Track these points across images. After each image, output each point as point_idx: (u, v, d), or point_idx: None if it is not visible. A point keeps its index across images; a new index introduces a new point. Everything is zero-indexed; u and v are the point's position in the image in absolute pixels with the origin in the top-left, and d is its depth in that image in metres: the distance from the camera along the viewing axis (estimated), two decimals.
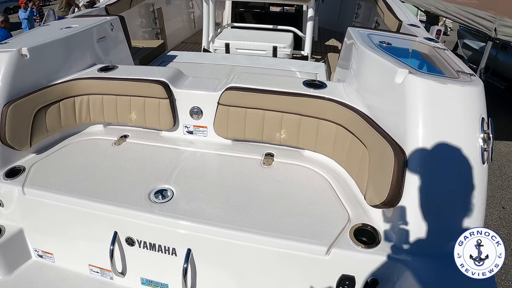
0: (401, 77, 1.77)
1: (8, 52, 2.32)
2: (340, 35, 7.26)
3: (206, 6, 4.66)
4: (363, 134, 1.98)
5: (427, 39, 2.67)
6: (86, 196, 2.04)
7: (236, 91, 2.31)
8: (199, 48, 4.99)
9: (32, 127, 2.38)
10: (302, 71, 3.50)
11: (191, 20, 7.47)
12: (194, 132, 2.55)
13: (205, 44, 4.78)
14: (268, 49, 4.26)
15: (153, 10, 5.58)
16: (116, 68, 2.72)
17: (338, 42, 6.77)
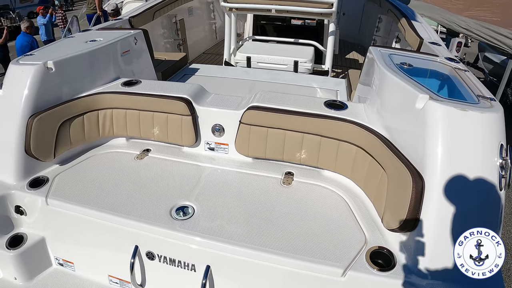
0: (422, 103, 1.79)
1: (34, 65, 2.39)
2: (361, 48, 7.22)
3: (228, 19, 4.70)
4: (382, 158, 2.00)
5: (448, 59, 2.68)
6: (108, 209, 2.09)
7: (258, 110, 2.34)
8: (221, 60, 5.02)
9: (56, 139, 2.45)
10: (323, 88, 3.52)
11: (212, 31, 7.52)
12: (215, 149, 2.59)
13: (227, 57, 4.82)
14: (289, 64, 4.28)
15: (175, 21, 5.65)
16: (139, 82, 2.77)
17: (359, 55, 6.75)
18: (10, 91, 2.42)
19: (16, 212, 2.30)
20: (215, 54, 6.70)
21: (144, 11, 4.57)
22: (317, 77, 3.92)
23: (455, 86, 2.24)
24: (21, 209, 2.28)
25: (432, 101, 1.76)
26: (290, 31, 5.72)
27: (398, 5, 5.22)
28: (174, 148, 2.67)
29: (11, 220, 2.31)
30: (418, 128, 1.79)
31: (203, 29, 7.20)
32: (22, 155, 2.33)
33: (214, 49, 7.13)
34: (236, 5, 4.32)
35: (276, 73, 3.93)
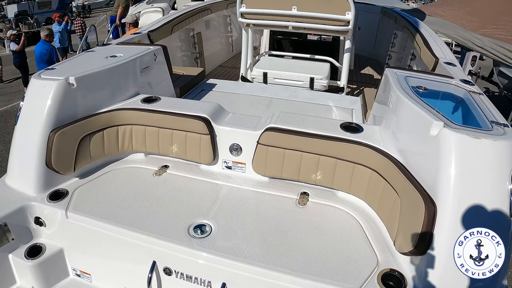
0: (436, 130, 1.82)
1: (56, 80, 2.44)
2: (376, 63, 7.22)
3: (245, 34, 4.74)
4: (395, 182, 2.02)
5: (463, 81, 2.70)
6: (127, 225, 2.13)
7: (275, 132, 2.38)
8: (237, 73, 5.06)
9: (77, 153, 2.50)
10: (339, 106, 3.54)
11: (229, 44, 7.57)
12: (232, 167, 2.62)
13: (243, 72, 4.86)
14: (305, 80, 4.31)
15: (193, 34, 5.70)
16: (159, 99, 2.82)
17: (374, 71, 6.76)
18: (32, 104, 2.48)
19: (35, 223, 2.35)
20: (231, 68, 6.74)
21: (163, 25, 4.63)
22: (333, 95, 3.94)
23: (469, 111, 2.27)
24: (41, 220, 2.34)
25: (446, 128, 1.79)
26: (306, 46, 5.76)
27: (413, 22, 5.22)
28: (192, 165, 2.71)
29: (30, 230, 2.36)
30: (432, 154, 1.83)
31: (219, 42, 7.26)
32: (43, 168, 2.39)
33: (230, 62, 7.19)
34: (254, 22, 4.37)
35: (293, 90, 3.96)
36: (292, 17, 4.11)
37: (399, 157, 2.12)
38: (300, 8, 3.98)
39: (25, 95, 2.54)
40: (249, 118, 2.69)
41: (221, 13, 7.14)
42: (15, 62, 11.47)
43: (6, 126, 8.50)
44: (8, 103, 10.38)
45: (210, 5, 6.37)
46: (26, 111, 2.49)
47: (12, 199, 2.34)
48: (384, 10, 7.55)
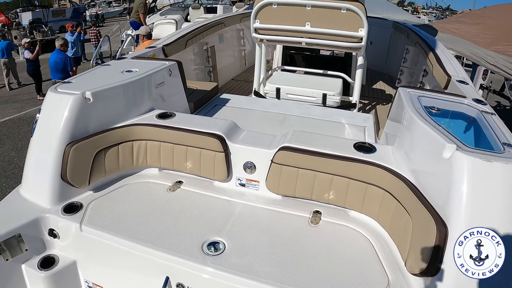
0: (449, 153, 1.83)
1: (73, 95, 2.47)
2: (388, 78, 7.24)
3: (258, 49, 4.77)
4: (407, 203, 2.03)
5: (475, 101, 2.72)
6: (141, 240, 2.14)
7: (289, 151, 2.39)
8: (249, 87, 5.08)
9: (92, 167, 2.52)
10: (351, 124, 3.55)
11: (242, 58, 7.62)
12: (246, 185, 2.63)
13: (256, 86, 4.88)
14: (317, 96, 4.33)
15: (206, 48, 5.74)
16: (174, 116, 2.84)
17: (386, 85, 6.77)
18: (48, 118, 2.51)
19: (49, 234, 2.37)
20: (244, 81, 6.78)
21: (177, 39, 4.67)
22: (346, 112, 3.95)
23: (481, 131, 2.28)
24: (55, 232, 2.35)
25: (458, 152, 1.80)
26: (319, 61, 5.79)
27: (426, 38, 5.24)
28: (206, 181, 2.71)
29: (44, 242, 2.38)
30: (444, 176, 1.84)
31: (232, 55, 7.31)
32: (58, 181, 2.41)
33: (243, 75, 7.23)
34: (267, 37, 4.41)
35: (306, 107, 3.97)
36: (305, 33, 4.14)
37: (411, 177, 2.13)
38: (314, 24, 4.02)
39: (41, 108, 2.57)
40: (263, 136, 2.70)
41: (235, 27, 7.20)
42: (29, 70, 11.67)
43: (18, 133, 8.62)
44: (21, 110, 10.55)
45: (224, 19, 6.45)
46: (42, 124, 2.52)
47: (26, 211, 2.36)
48: (396, 25, 7.59)
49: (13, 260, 2.24)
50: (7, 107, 10.88)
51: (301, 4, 3.96)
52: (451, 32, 7.51)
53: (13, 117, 9.92)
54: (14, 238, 2.22)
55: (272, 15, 4.16)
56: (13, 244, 2.23)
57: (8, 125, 9.30)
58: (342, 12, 3.85)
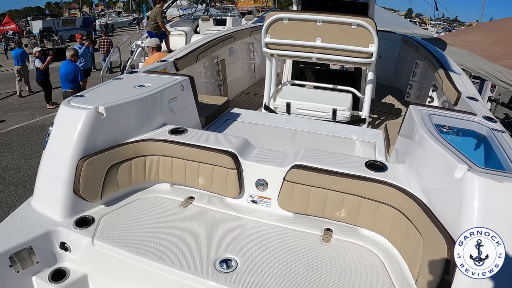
0: (461, 173, 1.83)
1: (86, 109, 2.48)
2: (397, 92, 7.24)
3: (268, 63, 4.79)
4: (418, 222, 2.03)
5: (485, 118, 2.73)
6: (154, 256, 2.14)
7: (302, 170, 2.40)
8: (259, 101, 5.12)
9: (104, 181, 2.53)
10: (361, 140, 3.55)
11: (251, 71, 7.67)
12: (258, 202, 2.63)
13: (266, 101, 4.90)
14: (328, 111, 4.34)
15: (217, 62, 5.78)
16: (186, 131, 2.85)
17: (395, 99, 6.78)
18: (61, 131, 2.53)
19: (60, 247, 2.38)
20: (253, 95, 6.82)
21: (189, 53, 4.72)
22: (356, 128, 3.96)
23: (492, 150, 2.30)
24: (66, 245, 2.36)
25: (470, 172, 1.81)
26: (328, 76, 5.81)
27: (435, 53, 5.25)
28: (217, 197, 2.72)
29: (55, 254, 2.39)
30: (455, 196, 1.84)
31: (242, 68, 7.35)
32: (70, 195, 2.43)
33: (252, 89, 7.28)
34: (278, 52, 4.45)
35: (316, 123, 3.97)
36: (316, 48, 4.16)
37: (422, 196, 2.13)
38: (324, 40, 4.04)
39: (54, 121, 2.60)
40: (275, 153, 2.71)
41: (245, 40, 7.26)
42: (38, 79, 11.82)
43: (28, 141, 8.70)
44: (30, 118, 10.66)
45: (235, 33, 6.52)
46: (55, 138, 2.54)
47: (38, 223, 2.38)
48: (405, 39, 7.62)
49: (24, 272, 2.25)
50: (17, 115, 11.01)
51: (311, 20, 3.99)
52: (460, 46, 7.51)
53: (23, 125, 10.02)
54: (26, 251, 2.23)
55: (283, 30, 4.20)
56: (24, 256, 2.24)
57: (18, 133, 9.40)
58: (353, 28, 3.88)
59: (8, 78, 17.70)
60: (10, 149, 8.26)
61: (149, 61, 7.19)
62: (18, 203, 5.83)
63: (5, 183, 6.70)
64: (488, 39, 7.52)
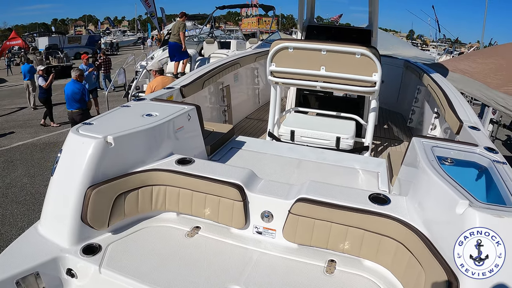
0: (462, 209, 1.87)
1: (95, 139, 2.53)
2: (399, 117, 7.30)
3: (273, 91, 4.84)
4: (420, 256, 2.06)
5: (487, 149, 2.78)
6: (158, 286, 2.14)
7: (306, 203, 2.43)
8: (263, 126, 5.14)
9: (112, 210, 2.56)
10: (365, 169, 3.58)
11: (256, 96, 7.75)
12: (263, 233, 2.64)
13: (271, 128, 4.93)
14: (331, 139, 4.38)
15: (222, 88, 5.85)
16: (193, 161, 2.88)
17: (397, 126, 6.83)
18: (70, 159, 2.57)
19: (67, 274, 2.38)
20: (257, 120, 6.88)
21: (195, 80, 4.76)
22: (359, 157, 4.00)
23: (493, 183, 2.34)
24: (73, 272, 2.37)
25: (471, 208, 1.84)
26: (332, 103, 5.87)
27: (437, 80, 5.29)
28: (223, 228, 2.74)
29: (61, 280, 2.40)
30: (456, 231, 1.87)
31: (247, 94, 7.44)
32: (78, 222, 2.45)
33: (256, 114, 7.34)
34: (283, 80, 4.50)
35: (320, 152, 4.01)
36: (320, 77, 4.21)
37: (424, 229, 2.16)
38: (328, 69, 4.09)
39: (62, 148, 2.63)
40: (280, 185, 2.74)
41: (249, 66, 7.35)
42: (41, 97, 11.98)
43: (32, 159, 8.75)
44: (35, 135, 10.74)
45: (240, 59, 6.58)
46: (63, 165, 2.58)
47: (45, 249, 2.39)
48: (407, 65, 7.70)
49: None
50: (21, 132, 11.11)
51: (316, 49, 4.06)
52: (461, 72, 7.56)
53: (27, 142, 10.09)
54: (32, 276, 2.25)
55: (288, 59, 4.26)
56: (31, 282, 2.25)
57: (21, 150, 9.46)
58: (357, 57, 3.93)
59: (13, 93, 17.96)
60: (14, 166, 8.31)
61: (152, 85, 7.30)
62: (21, 221, 5.92)
63: (8, 200, 6.73)
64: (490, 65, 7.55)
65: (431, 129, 5.22)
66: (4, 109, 14.40)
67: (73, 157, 2.56)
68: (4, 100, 16.26)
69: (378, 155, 5.20)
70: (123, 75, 13.10)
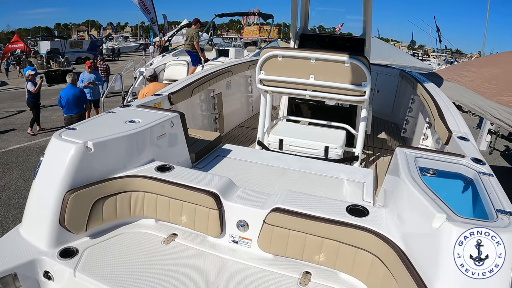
0: (439, 223, 1.82)
1: (75, 144, 2.54)
2: (393, 127, 7.30)
3: (263, 99, 4.81)
4: (395, 271, 2.02)
5: (474, 160, 2.71)
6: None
7: (281, 213, 2.41)
8: (254, 134, 5.07)
9: (90, 214, 2.57)
10: (351, 180, 3.51)
11: (249, 104, 7.71)
12: (239, 242, 2.63)
13: (260, 136, 4.89)
14: (320, 149, 4.33)
15: (213, 95, 5.83)
16: (172, 169, 2.88)
17: (391, 136, 6.81)
18: (50, 163, 2.59)
19: (44, 276, 2.40)
20: (249, 128, 6.84)
21: (183, 87, 4.74)
22: (346, 168, 3.92)
23: (477, 196, 2.27)
24: (50, 274, 2.39)
25: (448, 222, 1.80)
26: (324, 112, 5.84)
27: (430, 89, 5.23)
28: (200, 236, 2.73)
29: (38, 282, 2.41)
30: (434, 246, 1.83)
31: (239, 102, 7.39)
32: (56, 226, 2.47)
33: (249, 122, 7.30)
34: (272, 89, 4.48)
35: (307, 161, 3.96)
36: (309, 86, 4.19)
37: (401, 243, 2.11)
38: (317, 77, 4.08)
39: (45, 152, 2.66)
40: (257, 195, 2.72)
41: (243, 74, 7.31)
42: (29, 101, 11.67)
43: (27, 163, 8.76)
44: (31, 139, 10.78)
45: (232, 67, 6.54)
46: (44, 169, 2.60)
47: (24, 251, 2.42)
48: (402, 74, 7.67)
49: None
50: (18, 135, 11.15)
51: (305, 57, 4.05)
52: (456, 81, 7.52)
53: (23, 146, 10.13)
54: (10, 277, 2.26)
55: (277, 67, 4.24)
56: (9, 282, 2.27)
57: (18, 153, 9.50)
58: (346, 66, 3.91)
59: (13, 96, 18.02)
60: (9, 169, 8.33)
61: (143, 92, 7.28)
62: (13, 224, 5.92)
63: (1, 202, 6.75)
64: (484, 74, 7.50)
65: (422, 139, 5.16)
66: (3, 112, 14.44)
67: (54, 161, 2.58)
68: (4, 103, 16.31)
69: (369, 165, 5.14)
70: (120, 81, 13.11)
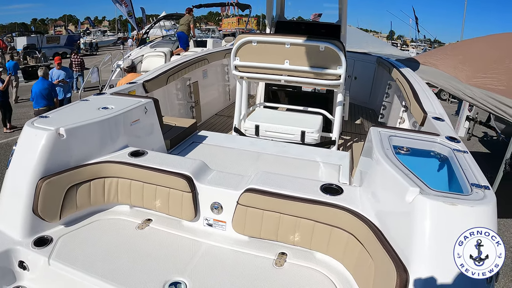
0: (412, 196, 1.84)
1: (47, 130, 2.53)
2: (371, 113, 7.38)
3: (239, 86, 4.80)
4: (370, 247, 2.03)
5: (448, 139, 2.73)
6: (106, 278, 2.15)
7: (255, 193, 2.41)
8: (232, 123, 5.08)
9: (63, 202, 2.56)
10: (327, 162, 3.53)
11: (226, 93, 7.70)
12: (213, 225, 2.64)
13: (236, 123, 4.88)
14: (296, 133, 4.33)
15: (189, 84, 5.79)
16: (146, 154, 2.88)
17: (368, 121, 6.88)
18: (23, 151, 2.57)
19: (19, 266, 2.39)
20: (227, 117, 6.82)
21: (158, 75, 4.72)
22: (322, 151, 3.94)
23: (451, 172, 2.29)
24: (24, 264, 2.37)
25: (421, 196, 1.81)
26: (301, 98, 5.85)
27: (405, 73, 5.29)
28: (174, 220, 2.73)
29: (14, 273, 2.40)
30: (407, 220, 1.84)
31: (216, 90, 7.37)
32: (30, 214, 2.45)
33: (226, 111, 7.28)
34: (247, 75, 4.48)
35: (283, 146, 3.96)
36: (284, 71, 4.20)
37: (376, 220, 2.13)
38: (292, 62, 4.08)
39: (17, 141, 2.63)
40: (231, 176, 2.72)
41: (220, 62, 7.28)
42: None
43: (5, 159, 8.59)
44: (10, 135, 10.60)
45: (207, 55, 6.50)
46: (17, 157, 2.58)
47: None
48: (379, 61, 7.74)
49: None
50: None
51: (279, 42, 4.05)
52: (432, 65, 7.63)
53: (1, 143, 9.95)
54: None
55: (252, 53, 4.24)
56: None
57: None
58: (321, 50, 3.92)
59: None
60: None
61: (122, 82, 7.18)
62: None
63: None
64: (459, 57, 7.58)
65: (399, 122, 5.19)
66: None
67: (26, 149, 2.56)
68: None
69: (346, 149, 5.15)
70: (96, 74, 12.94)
